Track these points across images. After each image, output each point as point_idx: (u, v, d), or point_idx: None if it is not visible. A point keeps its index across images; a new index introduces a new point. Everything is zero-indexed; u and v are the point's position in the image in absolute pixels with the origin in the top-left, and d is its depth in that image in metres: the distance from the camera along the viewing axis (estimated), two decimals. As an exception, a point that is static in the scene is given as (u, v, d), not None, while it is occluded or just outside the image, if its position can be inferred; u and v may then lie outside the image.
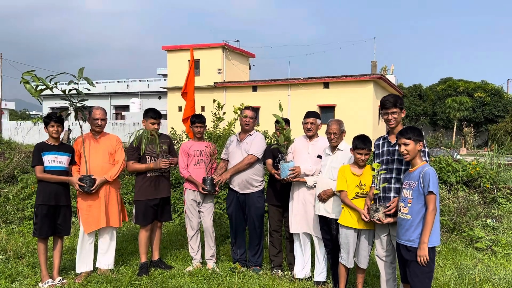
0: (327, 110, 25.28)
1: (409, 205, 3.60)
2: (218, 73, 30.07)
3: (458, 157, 13.96)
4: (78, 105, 4.68)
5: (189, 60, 30.57)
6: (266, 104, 24.69)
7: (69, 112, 4.72)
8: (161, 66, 49.86)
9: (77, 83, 4.52)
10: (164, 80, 44.11)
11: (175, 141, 12.72)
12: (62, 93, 4.60)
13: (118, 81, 48.72)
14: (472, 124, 38.31)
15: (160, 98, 45.29)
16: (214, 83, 29.26)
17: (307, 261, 5.01)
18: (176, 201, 7.86)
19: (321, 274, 4.87)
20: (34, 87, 4.31)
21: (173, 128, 15.23)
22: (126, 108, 44.95)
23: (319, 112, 20.36)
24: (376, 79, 26.27)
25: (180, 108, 29.90)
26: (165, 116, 29.23)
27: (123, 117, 42.39)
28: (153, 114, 5.22)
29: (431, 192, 3.47)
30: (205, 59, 29.74)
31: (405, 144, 3.66)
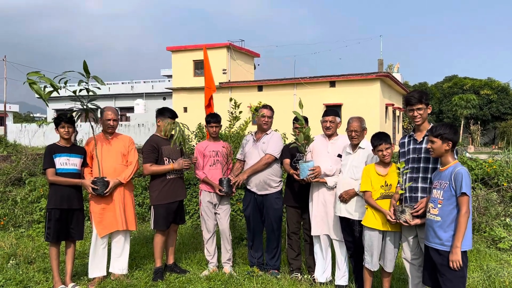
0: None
1: (439, 206, 3.42)
2: (223, 73, 29.90)
3: (468, 155, 13.75)
4: (89, 105, 4.51)
5: (194, 61, 30.54)
6: (271, 104, 24.37)
7: (79, 112, 4.54)
8: (165, 67, 49.80)
9: (86, 83, 4.35)
10: (169, 81, 44.02)
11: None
12: (69, 94, 4.44)
13: (123, 83, 48.67)
14: (479, 122, 37.99)
15: (164, 99, 45.19)
16: (219, 83, 29.08)
17: (328, 264, 4.84)
18: (187, 202, 7.69)
19: (343, 278, 4.70)
20: (42, 87, 4.14)
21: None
22: (131, 109, 44.88)
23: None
24: (382, 77, 26.03)
25: (185, 109, 29.78)
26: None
27: (127, 119, 42.32)
28: (170, 114, 5.08)
29: (464, 194, 3.29)
30: (210, 59, 29.35)
31: (432, 142, 3.50)
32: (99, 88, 4.56)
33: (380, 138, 4.05)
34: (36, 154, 11.58)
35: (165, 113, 5.08)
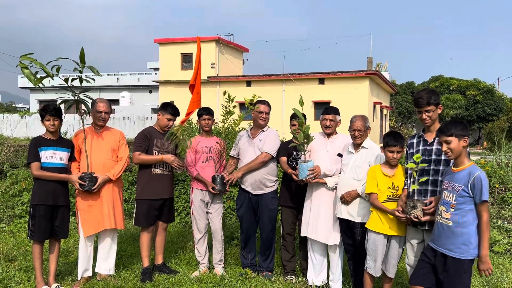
0: (322, 106, 24.94)
1: (451, 210, 3.22)
2: (212, 67, 29.57)
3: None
4: (81, 96, 4.24)
5: (182, 54, 30.16)
6: (260, 100, 24.25)
7: (70, 103, 4.27)
8: (151, 60, 49.15)
9: (80, 71, 4.09)
10: (155, 73, 43.44)
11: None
12: (52, 85, 4.17)
13: (108, 74, 47.83)
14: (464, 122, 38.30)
15: (151, 92, 44.63)
16: (207, 77, 28.77)
17: (324, 267, 4.67)
18: (175, 199, 7.47)
19: (338, 281, 4.54)
20: (33, 73, 3.85)
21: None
22: (116, 102, 44.19)
23: (314, 108, 19.75)
24: (371, 76, 26.00)
25: (172, 103, 29.37)
26: (156, 110, 28.73)
27: (113, 111, 41.61)
28: (171, 110, 4.90)
29: (485, 201, 3.09)
30: (198, 53, 29.21)
31: (447, 142, 3.26)
32: (93, 79, 4.30)
33: (395, 139, 3.85)
34: (18, 145, 11.19)
35: (167, 109, 4.92)
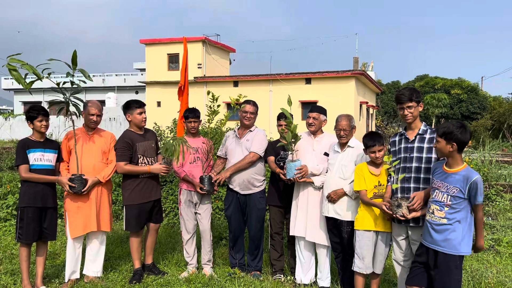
0: (309, 106, 25.04)
1: (446, 209, 3.28)
2: (198, 67, 29.51)
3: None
4: (72, 98, 4.22)
5: (168, 54, 30.04)
6: (247, 100, 24.26)
7: (62, 106, 4.23)
8: (137, 60, 48.86)
9: (73, 75, 4.06)
10: (141, 74, 43.24)
11: (159, 137, 12.26)
12: (38, 86, 4.15)
13: (94, 75, 47.40)
14: (449, 121, 38.75)
15: (137, 93, 44.36)
16: (194, 77, 28.70)
17: (312, 265, 4.71)
18: (163, 200, 7.45)
19: (326, 279, 4.59)
20: (23, 75, 3.79)
21: (156, 124, 14.77)
22: (102, 103, 43.78)
23: (301, 108, 19.80)
24: (357, 75, 26.20)
25: (159, 103, 29.28)
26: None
27: (99, 112, 41.19)
28: (137, 104, 4.78)
29: (480, 203, 3.22)
30: (185, 53, 29.11)
31: (437, 141, 3.32)
32: (84, 82, 4.26)
33: (373, 139, 3.90)
34: (2, 148, 11.09)
35: (132, 105, 4.78)
